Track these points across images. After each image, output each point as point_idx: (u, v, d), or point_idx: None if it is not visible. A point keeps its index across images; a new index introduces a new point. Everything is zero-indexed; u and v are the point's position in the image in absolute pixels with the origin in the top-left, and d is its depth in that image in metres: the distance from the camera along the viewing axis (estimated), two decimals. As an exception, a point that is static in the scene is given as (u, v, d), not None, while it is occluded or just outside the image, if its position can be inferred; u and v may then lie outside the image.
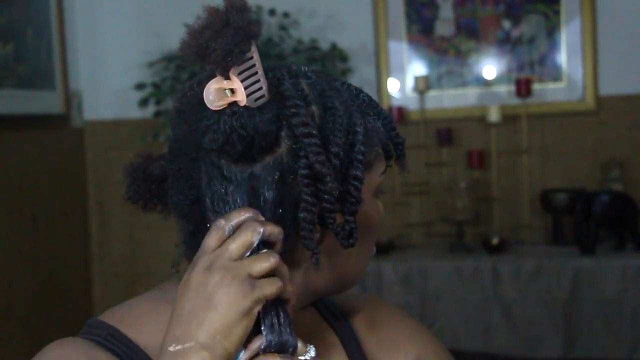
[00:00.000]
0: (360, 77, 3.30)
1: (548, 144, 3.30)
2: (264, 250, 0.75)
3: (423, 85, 3.26)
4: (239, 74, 0.76)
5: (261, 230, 0.75)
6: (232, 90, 0.77)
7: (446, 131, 3.26)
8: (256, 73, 0.77)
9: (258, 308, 0.73)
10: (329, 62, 3.22)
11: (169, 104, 3.26)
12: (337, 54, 3.27)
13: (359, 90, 0.88)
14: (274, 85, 0.80)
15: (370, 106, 0.87)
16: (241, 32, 0.75)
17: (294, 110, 0.78)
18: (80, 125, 3.54)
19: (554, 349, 2.84)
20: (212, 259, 0.74)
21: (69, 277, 3.41)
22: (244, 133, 0.77)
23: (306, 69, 0.86)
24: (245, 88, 0.77)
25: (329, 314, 0.96)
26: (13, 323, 2.97)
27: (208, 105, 0.77)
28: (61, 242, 3.34)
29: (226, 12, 0.76)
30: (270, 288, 0.73)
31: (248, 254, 0.74)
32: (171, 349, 0.73)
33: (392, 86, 3.37)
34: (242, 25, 0.76)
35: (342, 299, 0.98)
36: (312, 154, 0.77)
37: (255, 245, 0.74)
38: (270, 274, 0.74)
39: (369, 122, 0.85)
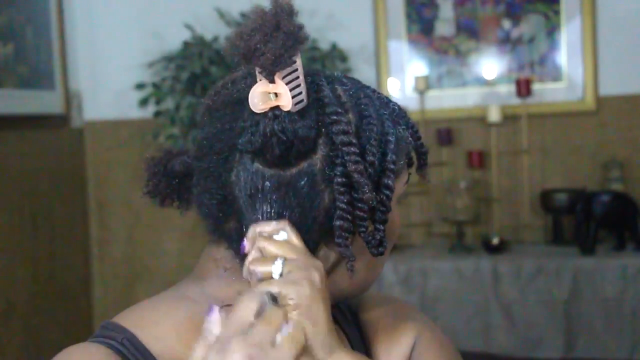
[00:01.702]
0: (360, 77, 3.25)
1: (548, 144, 3.30)
2: (291, 330, 0.72)
3: (423, 85, 3.26)
4: (283, 78, 0.76)
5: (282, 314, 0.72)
6: (276, 94, 0.76)
7: (446, 131, 3.26)
8: (298, 78, 0.77)
9: None
10: (329, 62, 3.22)
11: (169, 104, 3.26)
12: (337, 54, 3.27)
13: (389, 99, 0.89)
14: (313, 90, 0.80)
15: (399, 115, 0.88)
16: (292, 37, 0.75)
17: (334, 117, 0.78)
18: (80, 125, 3.54)
19: (554, 349, 2.84)
20: (250, 345, 0.69)
21: (69, 277, 3.41)
22: (283, 137, 0.76)
23: (339, 74, 0.86)
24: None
25: (338, 311, 0.97)
26: (13, 323, 2.97)
27: (252, 108, 0.76)
28: (61, 242, 3.34)
29: (275, 15, 0.75)
30: None
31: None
32: None
33: (392, 86, 3.37)
34: (292, 30, 0.75)
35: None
36: (351, 163, 0.77)
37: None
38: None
39: (399, 132, 0.85)
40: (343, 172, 0.78)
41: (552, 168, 3.31)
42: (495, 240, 3.07)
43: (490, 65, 3.31)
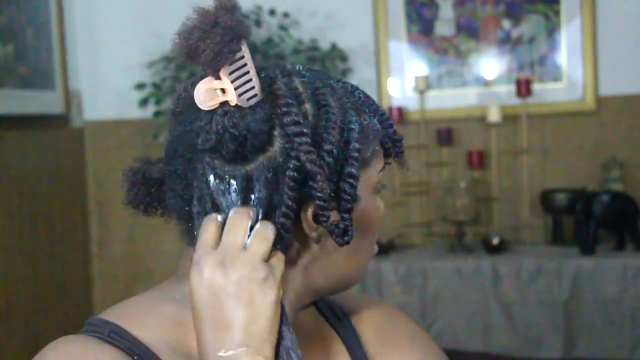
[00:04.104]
0: (360, 77, 3.30)
1: (548, 144, 3.30)
2: (257, 227, 0.77)
3: (423, 85, 3.26)
4: (230, 73, 0.76)
5: (251, 212, 0.77)
6: (223, 90, 0.77)
7: (446, 131, 3.26)
8: (248, 72, 0.77)
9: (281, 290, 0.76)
10: (329, 62, 3.22)
11: (169, 104, 3.26)
12: (337, 54, 3.27)
13: (355, 88, 0.88)
14: (267, 84, 0.80)
15: (366, 103, 0.87)
16: (230, 32, 0.75)
17: (285, 109, 0.78)
18: (80, 125, 3.53)
19: (554, 349, 2.84)
20: (220, 255, 0.76)
21: (69, 277, 3.41)
22: (236, 132, 0.77)
23: (301, 67, 0.86)
24: (237, 88, 0.77)
25: (330, 313, 0.96)
26: (13, 323, 2.97)
27: (199, 105, 0.78)
28: (61, 242, 3.34)
29: (215, 12, 0.76)
30: (280, 265, 0.77)
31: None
32: (222, 353, 0.74)
33: (392, 86, 3.37)
34: (230, 25, 0.75)
35: (343, 299, 0.98)
36: (303, 153, 0.78)
37: (250, 228, 0.77)
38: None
39: (365, 119, 0.85)
40: (295, 165, 0.78)
41: (552, 168, 3.31)
42: (495, 240, 3.07)
43: (490, 65, 3.31)
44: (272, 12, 3.29)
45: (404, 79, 3.37)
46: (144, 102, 3.28)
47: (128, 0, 3.52)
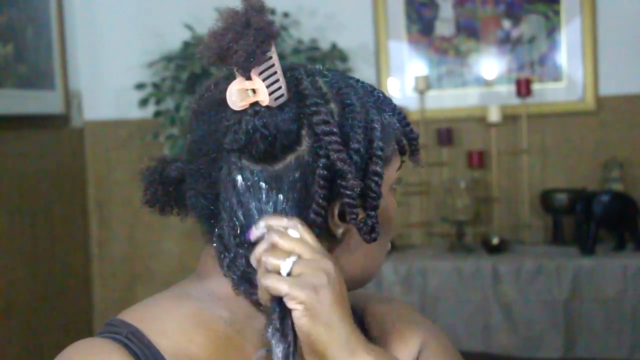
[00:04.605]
0: (360, 77, 3.23)
1: (548, 144, 3.30)
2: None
3: (423, 85, 3.26)
4: (260, 74, 0.77)
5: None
6: (254, 91, 0.77)
7: (446, 131, 3.26)
8: (275, 73, 0.78)
9: None
10: (329, 62, 3.22)
11: (169, 104, 3.26)
12: (337, 54, 3.27)
13: (373, 87, 0.91)
14: (293, 84, 0.81)
15: (385, 102, 0.89)
16: (262, 33, 0.76)
17: (314, 108, 0.79)
18: (80, 125, 3.53)
19: (554, 349, 2.84)
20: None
21: (69, 277, 3.41)
22: (266, 132, 0.78)
23: (321, 67, 0.87)
24: (266, 88, 0.77)
25: None
26: (13, 323, 2.97)
27: (231, 106, 0.78)
28: (61, 242, 3.34)
29: (246, 13, 0.76)
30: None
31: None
32: None
33: (392, 86, 3.37)
34: (262, 26, 0.76)
35: (352, 296, 0.98)
36: (334, 152, 0.79)
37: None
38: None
39: (385, 118, 0.87)
40: (325, 163, 0.79)
41: (552, 168, 3.31)
42: (495, 240, 3.07)
43: (490, 65, 3.31)
44: (272, 12, 3.27)
45: (404, 79, 3.37)
46: (144, 102, 3.28)
47: (128, 0, 3.52)
